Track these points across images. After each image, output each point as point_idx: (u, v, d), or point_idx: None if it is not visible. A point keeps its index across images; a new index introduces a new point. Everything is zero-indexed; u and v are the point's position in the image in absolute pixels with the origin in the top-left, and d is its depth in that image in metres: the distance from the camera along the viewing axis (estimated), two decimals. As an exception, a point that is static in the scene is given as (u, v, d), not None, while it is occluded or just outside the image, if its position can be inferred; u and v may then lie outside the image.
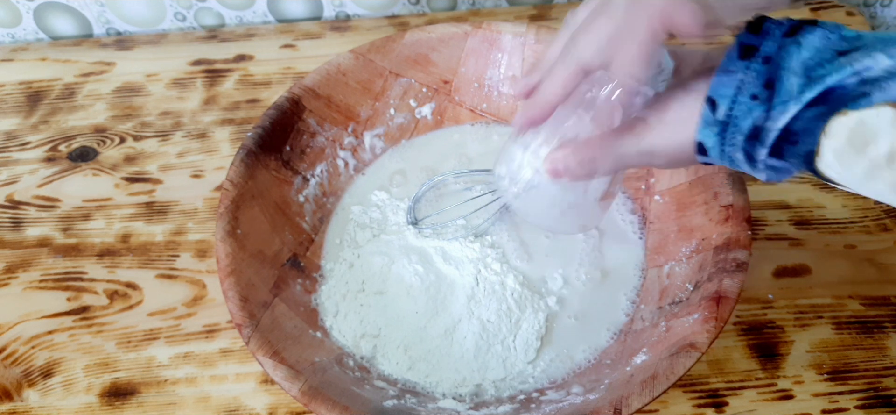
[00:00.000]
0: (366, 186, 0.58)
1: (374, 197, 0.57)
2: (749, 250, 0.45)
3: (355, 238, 0.54)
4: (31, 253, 0.58)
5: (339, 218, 0.56)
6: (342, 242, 0.54)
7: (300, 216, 0.54)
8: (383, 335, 0.49)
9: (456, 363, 0.47)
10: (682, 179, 0.52)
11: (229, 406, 0.49)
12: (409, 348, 0.48)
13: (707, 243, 0.47)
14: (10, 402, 0.50)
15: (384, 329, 0.49)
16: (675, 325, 0.44)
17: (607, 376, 0.44)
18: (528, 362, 0.48)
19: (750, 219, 0.46)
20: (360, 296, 0.51)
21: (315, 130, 0.56)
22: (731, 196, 0.48)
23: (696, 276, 0.47)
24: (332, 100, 0.56)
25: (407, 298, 0.50)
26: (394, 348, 0.48)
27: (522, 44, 0.59)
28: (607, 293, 0.51)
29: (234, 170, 0.50)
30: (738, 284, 0.43)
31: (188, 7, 0.75)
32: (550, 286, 0.51)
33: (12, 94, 0.69)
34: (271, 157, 0.52)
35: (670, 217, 0.52)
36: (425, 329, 0.49)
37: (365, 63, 0.57)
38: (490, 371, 0.47)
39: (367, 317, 0.50)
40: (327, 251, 0.54)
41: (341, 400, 0.40)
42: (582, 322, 0.50)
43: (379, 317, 0.50)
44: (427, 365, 0.47)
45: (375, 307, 0.50)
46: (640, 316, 0.49)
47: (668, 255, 0.50)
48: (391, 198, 0.57)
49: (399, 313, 0.50)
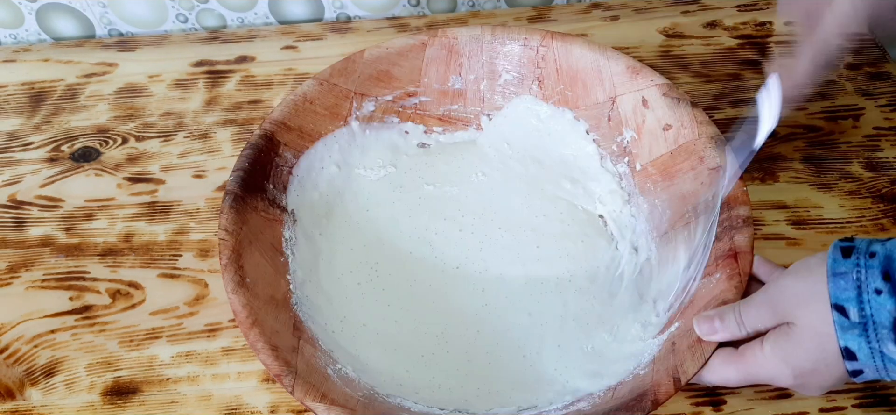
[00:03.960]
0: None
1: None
2: (750, 206, 0.47)
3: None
4: (33, 253, 0.58)
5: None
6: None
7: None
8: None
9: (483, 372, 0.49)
10: (662, 149, 0.53)
11: (231, 405, 0.49)
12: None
13: (705, 206, 0.48)
14: (13, 401, 0.50)
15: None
16: (697, 288, 0.46)
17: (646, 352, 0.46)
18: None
19: (742, 176, 0.48)
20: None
21: (292, 163, 0.55)
22: (718, 158, 0.49)
23: (701, 239, 0.48)
24: (303, 130, 0.56)
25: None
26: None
27: (480, 47, 0.59)
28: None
29: (224, 218, 0.48)
30: (748, 239, 0.45)
31: (190, 8, 0.75)
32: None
33: (15, 94, 0.70)
34: (257, 197, 0.52)
35: (657, 188, 0.53)
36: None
37: (329, 88, 0.57)
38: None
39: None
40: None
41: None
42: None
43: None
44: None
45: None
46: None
47: (665, 224, 0.52)
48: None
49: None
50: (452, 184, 0.58)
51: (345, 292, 0.52)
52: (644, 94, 0.54)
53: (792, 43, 0.44)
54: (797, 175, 0.59)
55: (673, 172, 0.52)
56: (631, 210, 0.56)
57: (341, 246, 0.55)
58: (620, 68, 0.56)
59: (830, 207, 0.57)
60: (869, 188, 0.58)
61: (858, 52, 0.68)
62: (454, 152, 0.60)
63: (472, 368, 0.49)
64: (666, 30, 0.71)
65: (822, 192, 0.58)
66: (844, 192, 0.58)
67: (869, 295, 0.35)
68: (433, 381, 0.48)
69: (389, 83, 0.59)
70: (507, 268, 0.53)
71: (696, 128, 0.51)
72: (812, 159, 0.60)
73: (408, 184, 0.58)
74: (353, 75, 0.58)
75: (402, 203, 0.57)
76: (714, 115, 0.63)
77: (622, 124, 0.56)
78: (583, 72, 0.57)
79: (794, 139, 0.62)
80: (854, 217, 0.57)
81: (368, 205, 0.57)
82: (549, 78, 0.59)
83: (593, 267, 0.53)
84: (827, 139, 0.62)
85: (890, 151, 0.61)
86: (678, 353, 0.43)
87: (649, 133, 0.54)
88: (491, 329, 0.51)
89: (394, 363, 0.49)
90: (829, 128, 0.62)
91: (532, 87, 0.60)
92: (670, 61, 0.68)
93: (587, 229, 0.55)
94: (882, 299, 0.35)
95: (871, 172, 0.59)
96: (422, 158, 0.60)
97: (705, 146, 0.50)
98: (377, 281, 0.53)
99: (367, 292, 0.53)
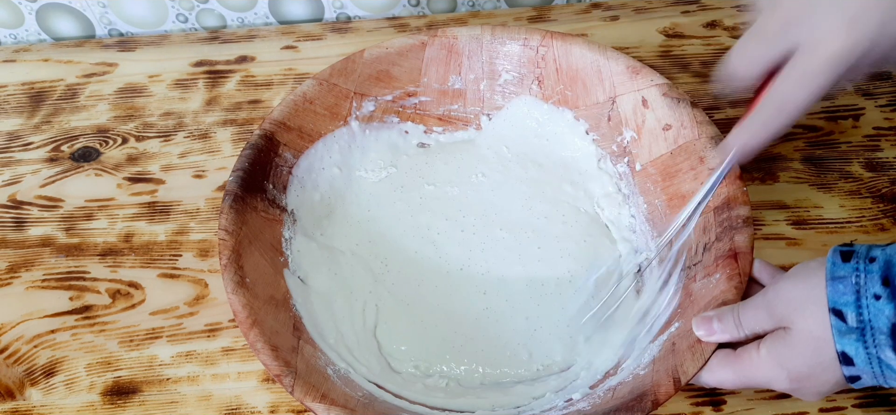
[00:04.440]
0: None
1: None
2: (750, 206, 0.47)
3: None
4: (33, 253, 0.58)
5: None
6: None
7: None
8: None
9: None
10: (662, 149, 0.53)
11: (231, 405, 0.49)
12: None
13: (705, 207, 0.48)
14: (13, 401, 0.50)
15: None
16: (697, 288, 0.46)
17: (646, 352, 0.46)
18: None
19: (742, 176, 0.48)
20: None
21: (292, 163, 0.55)
22: (718, 158, 0.49)
23: (701, 239, 0.48)
24: (303, 130, 0.56)
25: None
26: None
27: (479, 47, 0.59)
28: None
29: (224, 218, 0.48)
30: (749, 239, 0.45)
31: (190, 8, 0.75)
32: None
33: (15, 94, 0.70)
34: (257, 197, 0.52)
35: (657, 188, 0.53)
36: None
37: (329, 88, 0.57)
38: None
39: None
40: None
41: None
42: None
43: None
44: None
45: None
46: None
47: (664, 225, 0.52)
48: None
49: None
50: (453, 184, 0.58)
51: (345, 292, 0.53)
52: (644, 95, 0.54)
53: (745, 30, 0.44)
54: (797, 175, 0.59)
55: (673, 172, 0.52)
56: (631, 210, 0.55)
57: (342, 246, 0.55)
58: (620, 68, 0.56)
59: (830, 207, 0.57)
60: (869, 188, 0.58)
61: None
62: (454, 152, 0.60)
63: (472, 368, 0.49)
64: (666, 30, 0.71)
65: (822, 192, 0.58)
66: (844, 192, 0.58)
67: (867, 300, 0.35)
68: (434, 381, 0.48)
69: (389, 83, 0.59)
70: (509, 268, 0.53)
71: (696, 128, 0.51)
72: (812, 159, 0.60)
73: (408, 184, 0.58)
74: (353, 75, 0.58)
75: (403, 203, 0.57)
76: (714, 115, 0.63)
77: (622, 124, 0.56)
78: (583, 72, 0.57)
79: (794, 139, 0.62)
80: (854, 217, 0.57)
81: (369, 205, 0.57)
82: (549, 78, 0.59)
83: (594, 267, 0.53)
84: (827, 139, 0.62)
85: (890, 151, 0.61)
86: (678, 353, 0.43)
87: (649, 133, 0.54)
88: (492, 329, 0.51)
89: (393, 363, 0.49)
90: (829, 128, 0.62)
91: (532, 87, 0.60)
92: (670, 61, 0.68)
93: (587, 230, 0.55)
94: (881, 305, 0.34)
95: (871, 172, 0.59)
96: (422, 157, 0.60)
97: (705, 146, 0.50)
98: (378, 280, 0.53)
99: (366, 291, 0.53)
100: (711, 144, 0.50)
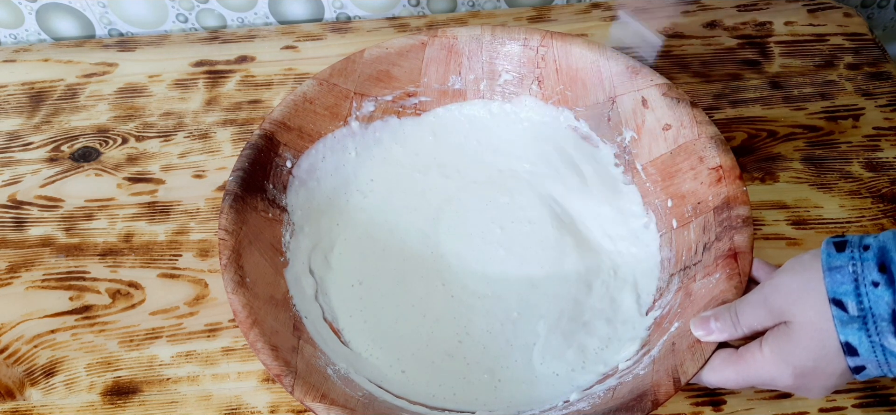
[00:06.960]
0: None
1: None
2: (749, 206, 0.47)
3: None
4: (33, 253, 0.58)
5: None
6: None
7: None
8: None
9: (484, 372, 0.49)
10: (662, 149, 0.53)
11: (231, 405, 0.50)
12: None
13: (704, 206, 0.49)
14: (13, 400, 0.50)
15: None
16: (696, 288, 0.46)
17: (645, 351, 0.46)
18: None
19: (741, 176, 0.48)
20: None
21: (292, 163, 0.55)
22: (718, 158, 0.49)
23: (701, 239, 0.48)
24: (303, 130, 0.56)
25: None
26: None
27: (479, 47, 0.59)
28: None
29: (224, 218, 0.48)
30: (748, 239, 0.45)
31: (190, 8, 0.75)
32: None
33: (15, 94, 0.70)
34: (257, 197, 0.51)
35: (657, 188, 0.53)
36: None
37: (329, 88, 0.57)
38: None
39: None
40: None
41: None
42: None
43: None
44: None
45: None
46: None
47: (666, 225, 0.52)
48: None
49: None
50: (453, 184, 0.58)
51: (344, 291, 0.53)
52: (644, 94, 0.54)
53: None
54: (797, 175, 0.59)
55: (673, 172, 0.52)
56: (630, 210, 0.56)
57: (342, 245, 0.55)
58: (620, 68, 0.56)
59: (830, 207, 0.57)
60: (869, 188, 0.58)
61: (858, 51, 0.68)
62: (454, 152, 0.60)
63: (471, 368, 0.49)
64: (666, 30, 0.71)
65: (822, 192, 0.58)
66: (844, 192, 0.58)
67: (866, 288, 0.35)
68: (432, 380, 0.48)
69: (389, 83, 0.59)
70: (508, 267, 0.53)
71: (695, 128, 0.51)
72: (812, 159, 0.60)
73: (408, 184, 0.58)
74: (353, 75, 0.58)
75: (403, 203, 0.57)
76: (714, 115, 0.63)
77: (622, 124, 0.56)
78: (582, 72, 0.57)
79: (794, 139, 0.62)
80: (854, 217, 0.57)
81: (369, 205, 0.57)
82: (549, 78, 0.59)
83: (593, 267, 0.53)
84: (827, 139, 0.62)
85: (890, 151, 0.61)
86: (678, 353, 0.43)
87: (649, 133, 0.54)
88: (491, 329, 0.51)
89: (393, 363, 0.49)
90: (829, 128, 0.62)
91: (532, 87, 0.60)
92: (670, 61, 0.68)
93: (586, 230, 0.55)
94: (880, 292, 0.34)
95: (871, 172, 0.59)
96: (421, 157, 0.60)
97: (705, 146, 0.50)
98: (378, 280, 0.53)
99: (366, 291, 0.53)
100: (711, 144, 0.50)
